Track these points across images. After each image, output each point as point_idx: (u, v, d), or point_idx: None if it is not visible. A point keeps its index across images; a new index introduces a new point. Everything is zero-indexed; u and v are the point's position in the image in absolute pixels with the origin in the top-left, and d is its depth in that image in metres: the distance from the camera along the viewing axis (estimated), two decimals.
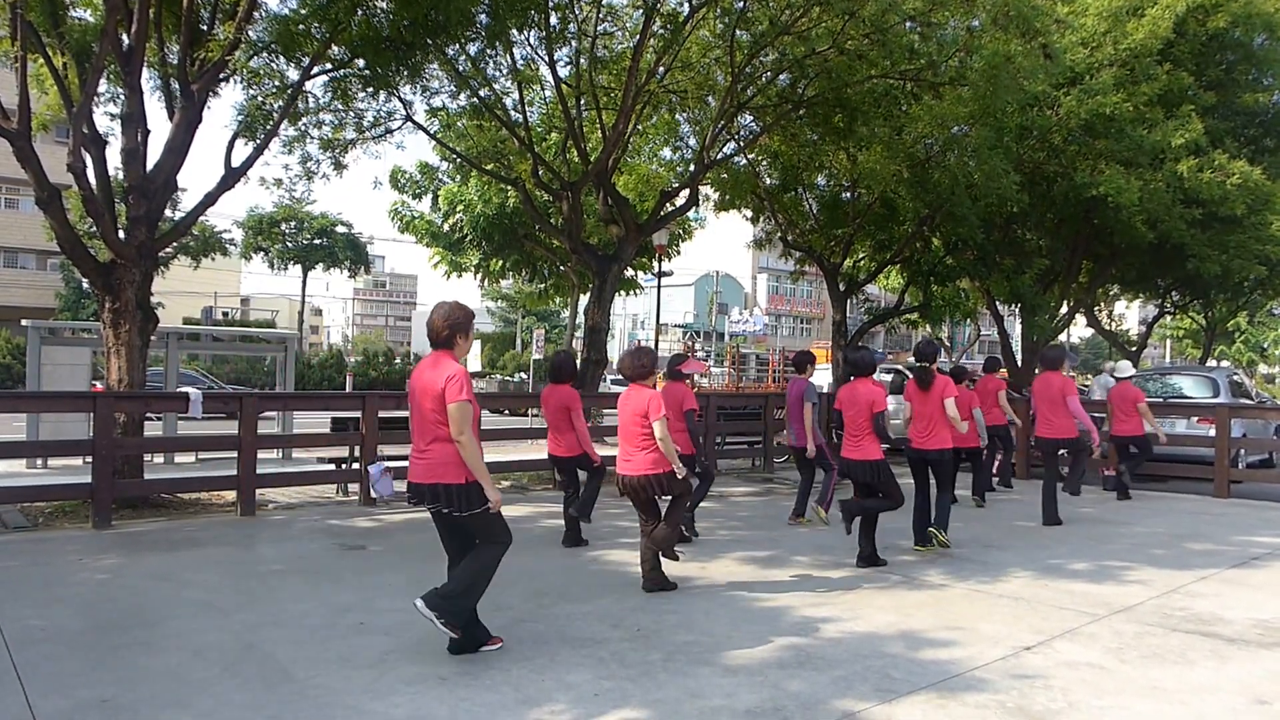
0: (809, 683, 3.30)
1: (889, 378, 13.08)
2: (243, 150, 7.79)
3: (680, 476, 4.52)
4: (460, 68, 9.00)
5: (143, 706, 2.95)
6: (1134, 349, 22.76)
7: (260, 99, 7.97)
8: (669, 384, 5.73)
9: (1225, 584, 5.11)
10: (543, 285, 19.88)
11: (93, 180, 6.89)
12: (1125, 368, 9.06)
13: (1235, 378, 12.48)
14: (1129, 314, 37.62)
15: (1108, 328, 23.79)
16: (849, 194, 13.07)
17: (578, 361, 7.64)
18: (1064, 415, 6.87)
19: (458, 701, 3.06)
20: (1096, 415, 8.83)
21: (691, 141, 12.18)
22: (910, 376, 6.21)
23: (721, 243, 34.24)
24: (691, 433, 5.73)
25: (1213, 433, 9.28)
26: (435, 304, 3.56)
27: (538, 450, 9.25)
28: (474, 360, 24.34)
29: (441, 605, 3.35)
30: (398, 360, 33.73)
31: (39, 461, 9.18)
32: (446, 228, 17.60)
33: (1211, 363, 26.02)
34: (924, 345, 6.10)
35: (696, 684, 3.28)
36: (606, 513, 6.79)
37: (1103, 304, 22.96)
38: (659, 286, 15.29)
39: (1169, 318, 26.83)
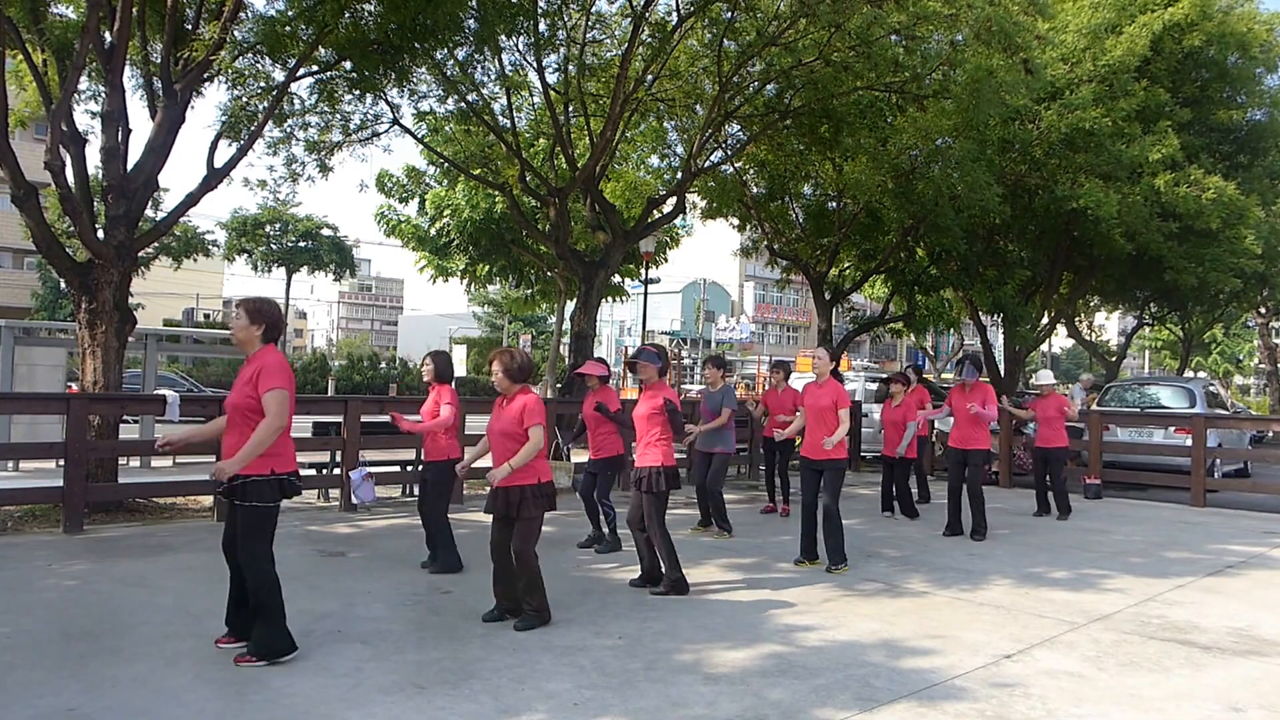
0: (790, 691, 3.30)
1: (874, 386, 13.17)
2: (226, 151, 7.71)
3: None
4: (448, 72, 8.98)
5: (110, 716, 2.88)
6: (1113, 359, 23.11)
7: (245, 100, 7.89)
8: (605, 388, 5.94)
9: (1201, 592, 5.18)
10: (529, 291, 19.80)
11: (71, 179, 6.78)
12: (1045, 376, 8.43)
13: (1211, 388, 12.69)
14: (1109, 325, 38.17)
15: (1088, 338, 24.14)
16: (835, 203, 13.18)
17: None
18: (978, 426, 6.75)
19: (435, 711, 3.02)
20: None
21: (679, 149, 12.23)
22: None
23: (708, 250, 34.38)
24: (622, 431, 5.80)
25: (1189, 442, 9.42)
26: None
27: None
28: (460, 365, 24.22)
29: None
30: (383, 365, 33.42)
31: (9, 464, 8.98)
32: (433, 232, 17.49)
33: (1189, 373, 26.46)
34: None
35: (678, 693, 3.26)
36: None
37: (1083, 315, 23.31)
38: (645, 294, 15.30)
39: (1147, 329, 27.30)
